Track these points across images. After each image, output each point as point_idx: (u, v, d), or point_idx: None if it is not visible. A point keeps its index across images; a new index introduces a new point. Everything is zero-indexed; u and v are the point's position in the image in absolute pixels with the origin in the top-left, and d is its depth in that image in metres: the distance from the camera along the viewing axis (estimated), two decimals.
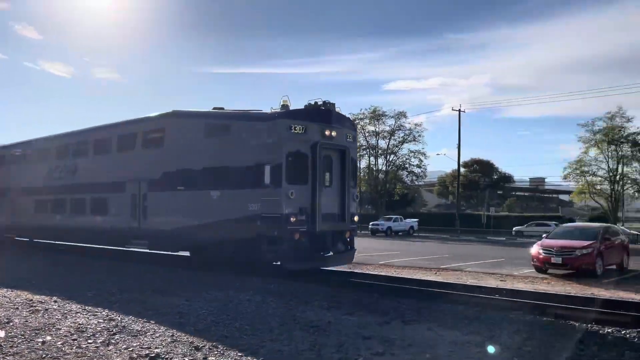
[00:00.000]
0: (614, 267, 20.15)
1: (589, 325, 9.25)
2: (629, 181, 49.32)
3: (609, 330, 8.90)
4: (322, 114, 15.86)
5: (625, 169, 48.88)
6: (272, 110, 15.80)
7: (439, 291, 12.67)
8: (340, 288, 13.31)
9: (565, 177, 52.02)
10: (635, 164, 48.84)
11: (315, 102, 15.90)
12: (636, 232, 42.60)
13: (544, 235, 21.46)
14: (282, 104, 15.78)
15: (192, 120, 18.12)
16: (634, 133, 48.10)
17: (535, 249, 19.15)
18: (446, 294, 12.29)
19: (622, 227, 38.02)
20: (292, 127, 15.04)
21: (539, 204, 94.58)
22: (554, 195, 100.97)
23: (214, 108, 17.88)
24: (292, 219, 14.70)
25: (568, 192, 68.95)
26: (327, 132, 15.64)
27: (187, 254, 18.95)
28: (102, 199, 21.17)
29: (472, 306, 10.86)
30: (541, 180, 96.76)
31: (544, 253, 18.86)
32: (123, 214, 19.79)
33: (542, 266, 18.93)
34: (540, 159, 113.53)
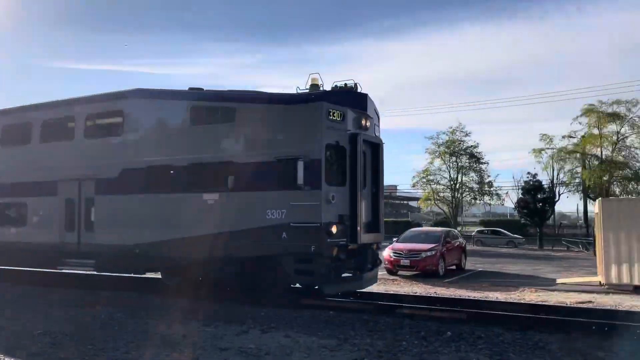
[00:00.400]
0: (454, 267, 22.21)
1: (430, 323, 10.00)
2: (467, 189, 54.87)
3: (449, 326, 9.72)
4: (358, 98, 12.81)
5: (463, 178, 54.34)
6: (301, 91, 12.51)
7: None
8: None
9: (413, 185, 56.44)
10: (472, 174, 54.50)
11: (345, 84, 12.73)
12: (473, 235, 47.71)
13: (394, 239, 22.97)
14: (311, 83, 12.59)
15: (168, 102, 13.76)
16: (471, 146, 53.79)
17: (386, 252, 20.37)
18: None
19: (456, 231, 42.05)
20: (331, 113, 11.76)
21: (392, 209, 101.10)
22: (405, 202, 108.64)
23: (190, 89, 14.00)
24: (333, 230, 11.47)
25: (416, 199, 74.55)
26: (363, 122, 12.61)
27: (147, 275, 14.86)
28: (20, 205, 15.84)
29: (327, 310, 11.17)
30: (393, 187, 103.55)
31: (394, 256, 20.17)
32: (53, 225, 14.90)
33: (393, 268, 20.21)
34: (394, 168, 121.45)
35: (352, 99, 12.55)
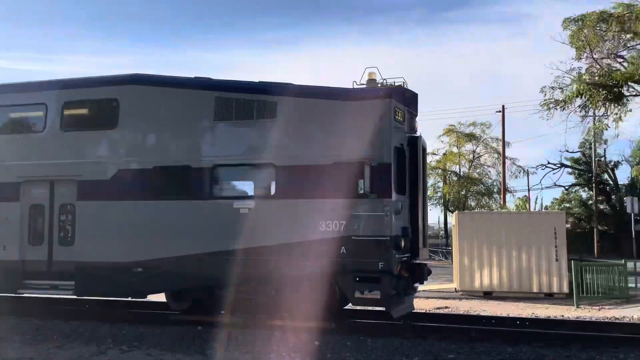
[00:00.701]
0: None
1: None
2: None
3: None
4: (412, 98, 11.46)
5: None
6: (360, 85, 11.08)
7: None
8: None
9: None
10: None
11: (394, 82, 11.17)
12: None
13: None
14: (369, 77, 11.21)
15: (183, 91, 11.51)
16: None
17: None
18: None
19: None
20: (397, 113, 10.46)
21: None
22: None
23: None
24: (402, 244, 10.20)
25: None
26: (415, 124, 11.54)
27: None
28: None
29: (195, 325, 10.83)
30: None
31: None
32: (9, 238, 12.00)
33: None
34: None
35: (407, 99, 11.31)
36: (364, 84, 11.05)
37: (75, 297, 11.82)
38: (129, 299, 12.48)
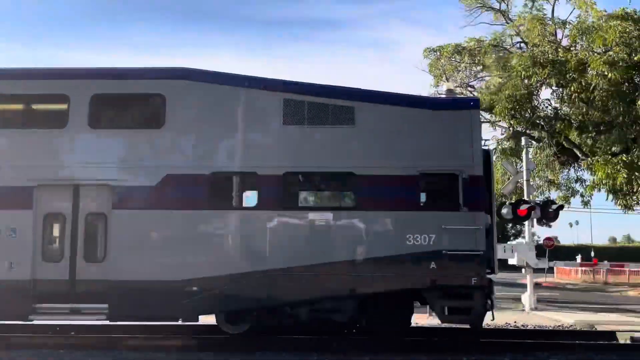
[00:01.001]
0: None
1: None
2: None
3: None
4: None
5: None
6: (441, 95, 11.36)
7: None
8: None
9: None
10: None
11: (454, 89, 11.66)
12: None
13: None
14: (447, 88, 11.23)
15: (243, 92, 10.44)
16: None
17: None
18: None
19: None
20: (480, 124, 10.41)
21: None
22: None
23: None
24: (492, 260, 9.97)
25: None
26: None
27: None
28: None
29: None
30: None
31: None
32: (21, 254, 9.93)
33: None
34: None
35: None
36: (442, 94, 10.82)
37: (106, 322, 9.98)
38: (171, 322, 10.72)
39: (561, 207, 17.58)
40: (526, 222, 18.00)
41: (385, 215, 9.83)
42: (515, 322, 14.29)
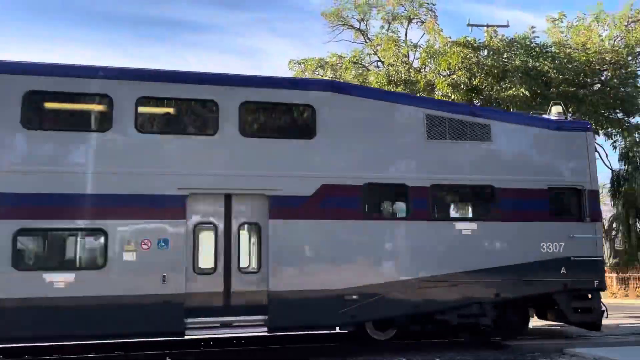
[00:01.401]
0: None
1: None
2: None
3: None
4: None
5: None
6: (557, 117, 12.16)
7: None
8: None
9: None
10: None
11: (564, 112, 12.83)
12: None
13: None
14: (556, 111, 12.30)
15: (388, 106, 10.80)
16: None
17: None
18: None
19: None
20: (594, 145, 12.68)
21: None
22: None
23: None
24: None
25: None
26: None
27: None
28: (85, 235, 9.29)
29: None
30: None
31: None
32: (174, 266, 9.29)
33: None
34: None
35: None
36: (554, 116, 12.18)
37: (265, 333, 9.74)
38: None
39: None
40: None
41: (524, 225, 10.74)
42: None
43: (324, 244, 9.96)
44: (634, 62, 23.63)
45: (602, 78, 23.41)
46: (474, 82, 20.96)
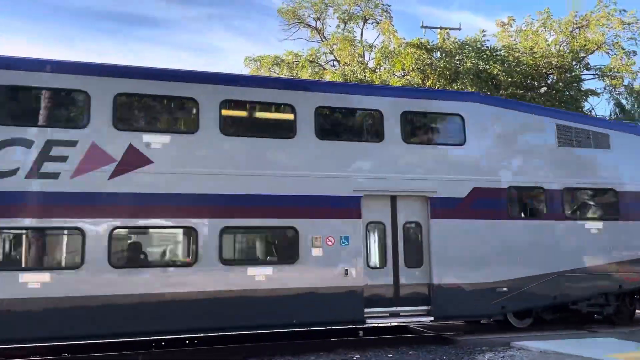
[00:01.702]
0: None
1: None
2: None
3: None
4: None
5: None
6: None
7: None
8: None
9: None
10: None
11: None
12: None
13: None
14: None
15: (525, 117, 12.33)
16: None
17: None
18: None
19: None
20: None
21: None
22: None
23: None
24: None
25: None
26: None
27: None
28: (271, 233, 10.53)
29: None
30: None
31: None
32: (354, 261, 10.48)
33: None
34: None
35: None
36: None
37: (430, 322, 10.87)
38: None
39: None
40: None
41: (626, 225, 12.23)
42: None
43: (476, 242, 11.13)
44: (578, 66, 24.62)
45: (549, 81, 24.33)
46: (427, 83, 21.39)
